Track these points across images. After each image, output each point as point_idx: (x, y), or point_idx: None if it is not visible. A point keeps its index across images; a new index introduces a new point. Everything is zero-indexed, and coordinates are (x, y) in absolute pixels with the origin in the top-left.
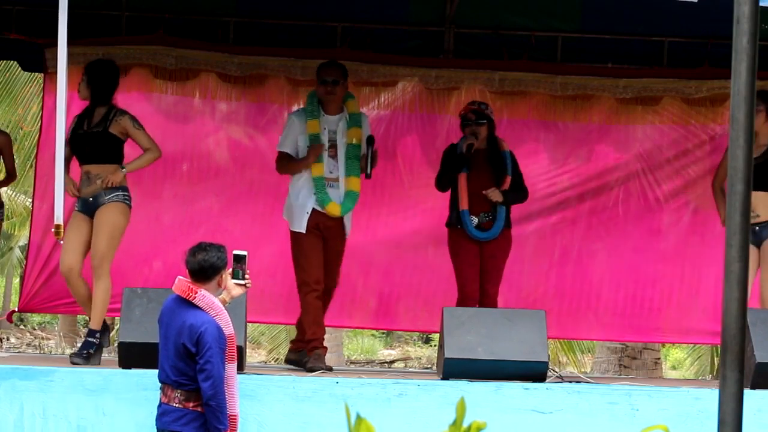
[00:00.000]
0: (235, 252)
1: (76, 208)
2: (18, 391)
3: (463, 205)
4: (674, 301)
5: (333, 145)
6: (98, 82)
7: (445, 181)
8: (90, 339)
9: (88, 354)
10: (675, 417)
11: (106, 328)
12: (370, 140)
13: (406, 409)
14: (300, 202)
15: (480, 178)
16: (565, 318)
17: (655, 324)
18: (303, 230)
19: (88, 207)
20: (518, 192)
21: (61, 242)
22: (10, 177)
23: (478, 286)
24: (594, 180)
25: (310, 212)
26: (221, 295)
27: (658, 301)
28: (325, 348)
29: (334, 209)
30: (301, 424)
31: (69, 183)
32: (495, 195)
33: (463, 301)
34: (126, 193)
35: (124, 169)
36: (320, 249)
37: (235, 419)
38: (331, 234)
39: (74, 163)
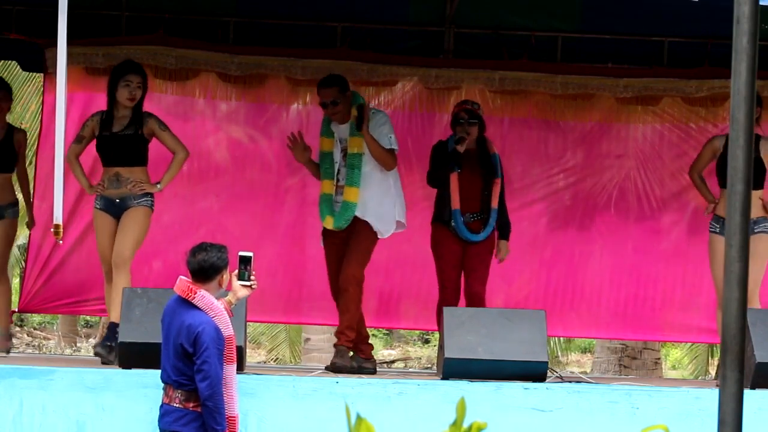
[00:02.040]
0: (241, 253)
1: (98, 207)
2: (17, 388)
3: (455, 204)
4: (675, 300)
5: (347, 154)
6: (146, 86)
7: (437, 178)
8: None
9: (110, 346)
10: (675, 417)
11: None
12: (360, 108)
13: (406, 409)
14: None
15: (470, 178)
16: (566, 316)
17: (655, 322)
18: (322, 245)
19: (115, 208)
20: (502, 207)
21: (60, 242)
22: (22, 180)
23: (459, 285)
24: (594, 179)
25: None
26: (227, 297)
27: (660, 299)
28: (347, 346)
29: (328, 223)
30: (301, 422)
31: (85, 181)
32: (504, 251)
33: (444, 301)
34: (152, 198)
35: (159, 186)
36: (337, 258)
37: (234, 420)
38: (349, 236)
39: (84, 160)
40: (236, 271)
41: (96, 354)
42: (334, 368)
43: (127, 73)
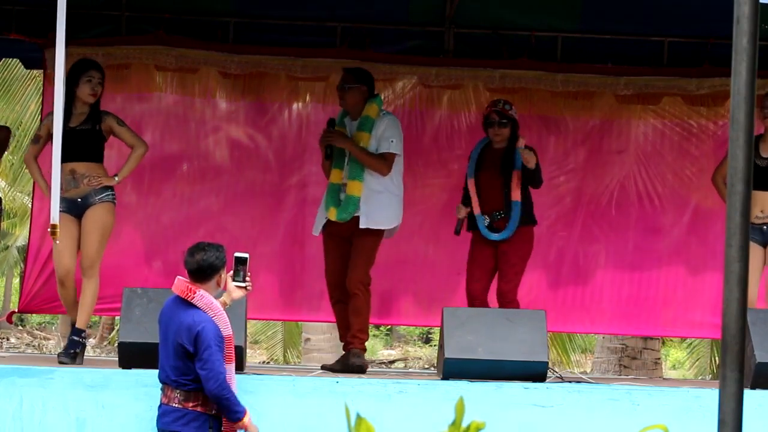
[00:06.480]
0: (237, 254)
1: (61, 209)
2: (17, 387)
3: (476, 209)
4: (677, 297)
5: None
6: (104, 82)
7: (463, 196)
8: (76, 338)
9: (74, 353)
10: (675, 417)
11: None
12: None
13: (406, 409)
14: (321, 207)
15: (491, 177)
16: (568, 312)
17: (657, 319)
18: (317, 234)
19: (77, 207)
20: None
21: (57, 242)
22: None
23: (484, 285)
24: (595, 177)
25: (327, 217)
26: (222, 297)
27: (662, 297)
28: (362, 348)
29: (332, 214)
30: (301, 422)
31: (43, 183)
32: (529, 157)
33: (469, 301)
34: (113, 192)
35: (117, 178)
36: (337, 254)
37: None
38: (351, 234)
39: (43, 161)
40: (231, 272)
41: (60, 362)
42: (355, 369)
43: (89, 69)
